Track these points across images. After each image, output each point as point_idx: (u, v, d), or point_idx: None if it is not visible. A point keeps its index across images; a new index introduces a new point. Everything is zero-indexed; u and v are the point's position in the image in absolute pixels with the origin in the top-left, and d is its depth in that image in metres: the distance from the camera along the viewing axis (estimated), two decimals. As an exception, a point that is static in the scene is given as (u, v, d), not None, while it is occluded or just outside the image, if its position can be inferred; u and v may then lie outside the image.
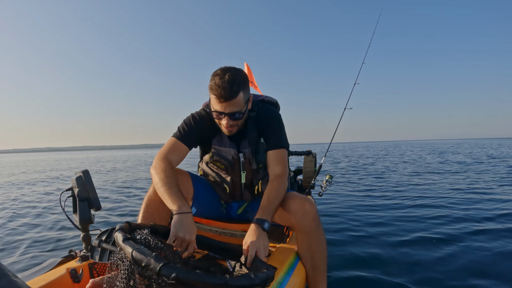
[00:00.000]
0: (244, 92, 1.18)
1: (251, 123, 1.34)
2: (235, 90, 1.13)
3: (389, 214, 3.46)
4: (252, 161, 1.34)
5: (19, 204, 4.52)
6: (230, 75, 1.13)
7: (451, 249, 2.30)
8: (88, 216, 1.19)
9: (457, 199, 4.17)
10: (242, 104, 1.19)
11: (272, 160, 1.31)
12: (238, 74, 1.16)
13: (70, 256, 1.23)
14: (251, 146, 1.33)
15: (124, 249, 0.67)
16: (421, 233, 2.74)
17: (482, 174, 6.99)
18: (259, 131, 1.35)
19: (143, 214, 1.22)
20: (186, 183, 1.33)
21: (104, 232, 1.14)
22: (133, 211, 3.90)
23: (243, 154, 1.33)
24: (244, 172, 1.36)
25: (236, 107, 1.17)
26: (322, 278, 1.27)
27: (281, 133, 1.36)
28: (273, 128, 1.34)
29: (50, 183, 7.91)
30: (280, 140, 1.34)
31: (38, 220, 3.50)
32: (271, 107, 1.43)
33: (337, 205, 4.05)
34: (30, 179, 9.14)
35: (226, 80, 1.12)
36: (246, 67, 3.10)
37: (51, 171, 12.42)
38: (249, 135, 1.33)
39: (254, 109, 1.36)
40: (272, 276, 0.75)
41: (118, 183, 7.22)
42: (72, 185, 1.21)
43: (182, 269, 0.61)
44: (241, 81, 1.16)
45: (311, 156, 2.41)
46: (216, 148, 1.35)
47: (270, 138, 1.33)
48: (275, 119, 1.36)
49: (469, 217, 3.22)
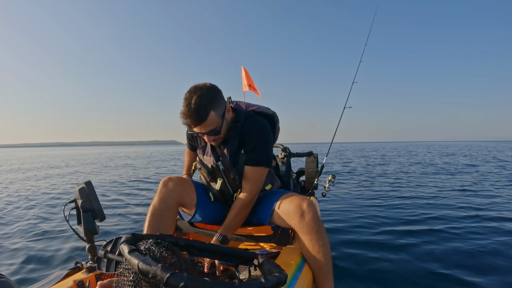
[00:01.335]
0: (215, 109, 1.19)
1: (236, 133, 1.33)
2: (203, 114, 1.15)
3: (398, 215, 3.45)
4: (230, 170, 1.34)
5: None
6: (196, 99, 1.15)
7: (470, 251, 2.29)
8: (93, 226, 1.18)
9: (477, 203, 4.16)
10: (216, 121, 1.21)
11: (245, 175, 1.33)
12: (205, 95, 1.17)
13: (76, 268, 1.23)
14: (230, 156, 1.33)
15: (130, 261, 0.67)
16: (425, 232, 2.73)
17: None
18: (241, 143, 1.33)
19: (148, 223, 1.25)
20: (189, 190, 1.37)
21: (109, 242, 1.14)
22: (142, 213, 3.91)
23: (221, 163, 1.34)
24: (221, 179, 1.37)
25: (210, 126, 1.20)
26: (328, 278, 1.26)
27: (263, 149, 1.32)
28: (253, 143, 1.31)
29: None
30: (259, 157, 1.31)
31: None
32: (260, 120, 1.37)
33: (343, 205, 4.04)
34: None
35: (192, 107, 1.14)
36: (244, 71, 3.11)
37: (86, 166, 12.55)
38: (230, 145, 1.33)
39: (241, 120, 1.33)
40: (284, 280, 0.73)
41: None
42: (75, 196, 1.21)
43: (189, 278, 0.60)
44: (208, 101, 1.16)
45: (312, 157, 2.41)
46: (199, 156, 1.42)
47: (249, 153, 1.32)
48: (259, 134, 1.32)
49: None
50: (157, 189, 1.31)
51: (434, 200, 4.16)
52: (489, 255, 2.16)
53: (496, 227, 2.80)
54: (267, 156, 1.33)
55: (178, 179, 1.34)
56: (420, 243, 2.44)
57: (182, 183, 1.34)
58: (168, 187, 1.30)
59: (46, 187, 6.78)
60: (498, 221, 3.00)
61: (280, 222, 1.31)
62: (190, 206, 1.38)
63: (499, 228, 2.79)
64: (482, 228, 2.79)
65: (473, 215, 3.26)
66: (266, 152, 1.32)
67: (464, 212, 3.43)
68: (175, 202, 1.30)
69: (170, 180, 1.32)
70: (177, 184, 1.32)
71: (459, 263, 2.05)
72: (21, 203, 4.88)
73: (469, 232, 2.67)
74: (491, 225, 2.88)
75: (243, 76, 3.08)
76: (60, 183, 7.46)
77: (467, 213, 3.34)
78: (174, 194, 1.30)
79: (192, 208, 1.38)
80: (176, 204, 1.32)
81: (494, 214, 3.30)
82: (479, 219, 3.10)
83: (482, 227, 2.82)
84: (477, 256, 2.17)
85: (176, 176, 1.37)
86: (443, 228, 2.82)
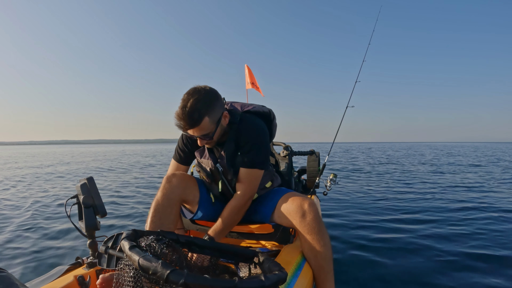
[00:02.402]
0: (210, 115, 1.18)
1: (231, 135, 1.31)
2: (197, 118, 1.15)
3: (404, 215, 3.44)
4: (227, 171, 1.34)
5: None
6: (192, 102, 1.14)
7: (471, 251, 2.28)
8: (94, 222, 1.19)
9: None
10: (210, 127, 1.20)
11: (240, 177, 1.31)
12: (201, 99, 1.16)
13: (77, 263, 1.23)
14: (227, 158, 1.32)
15: (130, 257, 0.67)
16: (425, 232, 2.72)
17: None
18: (237, 145, 1.32)
19: (151, 219, 1.25)
20: (192, 187, 1.37)
21: (110, 238, 1.14)
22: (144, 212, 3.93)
23: (220, 164, 1.34)
24: (221, 181, 1.37)
25: (203, 131, 1.19)
26: (328, 278, 1.26)
27: (258, 151, 1.29)
28: (248, 145, 1.29)
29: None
30: (254, 159, 1.29)
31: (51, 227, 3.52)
32: (255, 121, 1.35)
33: (344, 204, 4.04)
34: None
35: (187, 110, 1.14)
36: (247, 69, 3.11)
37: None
38: (227, 147, 1.32)
39: (236, 121, 1.31)
40: (284, 278, 0.73)
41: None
42: (77, 192, 1.21)
43: (190, 275, 0.60)
44: (204, 106, 1.15)
45: (314, 156, 2.41)
46: (197, 159, 1.42)
47: (244, 155, 1.29)
48: (254, 135, 1.30)
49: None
50: (161, 185, 1.30)
51: (438, 201, 4.15)
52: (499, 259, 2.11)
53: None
54: (263, 158, 1.31)
55: (182, 175, 1.34)
56: (422, 243, 2.43)
57: (185, 180, 1.34)
58: (171, 183, 1.29)
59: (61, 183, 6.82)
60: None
61: (281, 221, 1.31)
62: (192, 203, 1.38)
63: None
64: (496, 231, 2.70)
65: (485, 216, 3.19)
66: (261, 154, 1.30)
67: (473, 212, 3.40)
68: (178, 198, 1.30)
69: (174, 177, 1.32)
70: (181, 180, 1.32)
71: (466, 265, 2.02)
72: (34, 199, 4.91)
73: (478, 233, 2.63)
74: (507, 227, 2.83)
75: (246, 74, 3.08)
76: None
77: (477, 214, 3.31)
78: (177, 190, 1.29)
79: (194, 205, 1.38)
80: (179, 201, 1.32)
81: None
82: (493, 220, 3.01)
83: (495, 230, 2.73)
84: (488, 258, 2.12)
85: (180, 172, 1.37)
86: (447, 229, 2.80)
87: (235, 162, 1.32)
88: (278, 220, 1.33)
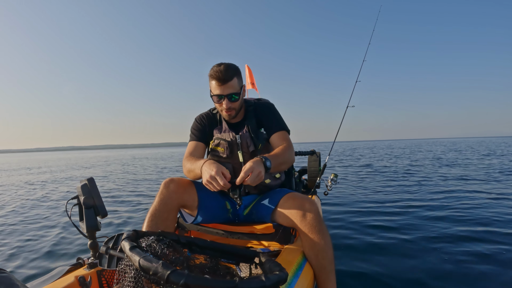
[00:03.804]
0: (238, 78, 1.38)
1: (251, 114, 1.50)
2: (230, 74, 1.34)
3: (407, 215, 3.43)
4: (249, 143, 1.43)
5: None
6: (225, 64, 1.36)
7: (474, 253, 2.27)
8: (95, 223, 1.19)
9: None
10: (237, 87, 1.38)
11: (275, 140, 1.44)
12: (232, 64, 1.38)
13: (78, 264, 1.23)
14: (249, 131, 1.45)
15: (131, 258, 0.67)
16: (427, 233, 2.71)
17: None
18: (258, 121, 1.49)
19: (147, 223, 1.24)
20: (190, 191, 1.36)
21: (111, 238, 1.14)
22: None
23: (240, 136, 1.44)
24: (240, 151, 1.45)
25: (233, 89, 1.35)
26: (329, 278, 1.26)
27: (280, 118, 1.51)
28: (271, 116, 1.49)
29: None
30: (280, 123, 1.48)
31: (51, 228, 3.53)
32: (269, 101, 1.61)
33: (345, 203, 4.03)
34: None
35: (222, 67, 1.34)
36: (247, 69, 3.11)
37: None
38: (249, 123, 1.47)
39: (252, 104, 1.53)
40: (285, 278, 0.73)
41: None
42: (78, 193, 1.21)
43: (190, 275, 0.60)
44: (235, 69, 1.37)
45: (315, 156, 2.41)
46: (217, 134, 1.49)
47: (271, 124, 1.47)
48: (273, 108, 1.53)
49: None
50: (158, 190, 1.30)
51: (438, 201, 4.14)
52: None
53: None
54: (285, 124, 1.50)
55: (179, 180, 1.33)
56: (423, 243, 2.42)
57: (183, 185, 1.33)
58: (169, 189, 1.29)
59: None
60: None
61: (282, 221, 1.31)
62: (192, 208, 1.38)
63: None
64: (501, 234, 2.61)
65: (490, 218, 3.13)
66: (283, 121, 1.51)
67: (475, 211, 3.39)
68: (176, 204, 1.30)
69: (171, 182, 1.31)
70: (179, 186, 1.31)
71: (471, 267, 1.99)
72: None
73: (484, 236, 2.56)
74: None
75: (247, 74, 3.09)
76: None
77: (480, 214, 3.29)
78: (175, 196, 1.29)
79: (194, 210, 1.38)
80: (177, 206, 1.31)
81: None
82: (499, 224, 2.92)
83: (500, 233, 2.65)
84: (495, 261, 2.07)
85: (178, 177, 1.36)
86: (450, 229, 2.78)
87: (257, 134, 1.46)
88: (278, 220, 1.33)
